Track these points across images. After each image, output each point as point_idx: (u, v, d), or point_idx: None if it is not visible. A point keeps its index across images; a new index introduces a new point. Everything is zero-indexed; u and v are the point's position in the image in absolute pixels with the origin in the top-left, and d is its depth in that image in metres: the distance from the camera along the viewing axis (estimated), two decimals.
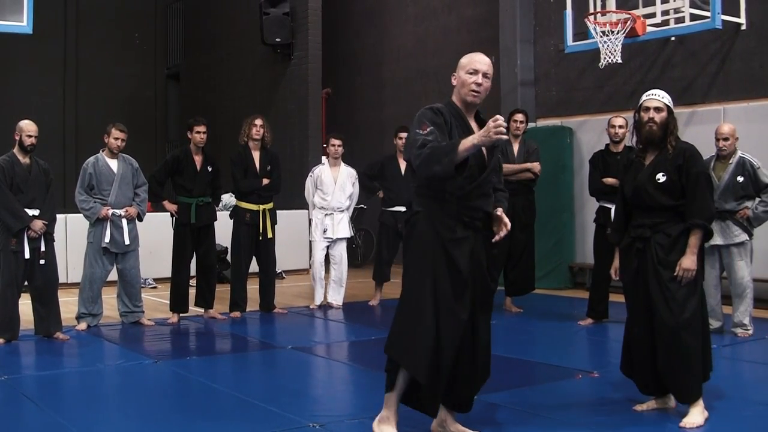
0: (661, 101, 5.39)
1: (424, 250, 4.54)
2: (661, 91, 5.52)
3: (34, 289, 7.99)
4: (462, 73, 4.74)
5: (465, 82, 4.71)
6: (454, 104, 4.74)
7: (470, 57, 4.81)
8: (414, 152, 4.46)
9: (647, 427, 5.18)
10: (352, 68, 17.14)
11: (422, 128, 4.50)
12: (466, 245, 4.58)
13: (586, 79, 12.25)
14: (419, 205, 4.62)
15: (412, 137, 4.56)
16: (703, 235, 5.21)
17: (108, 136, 8.70)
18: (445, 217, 4.55)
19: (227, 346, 8.39)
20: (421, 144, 4.44)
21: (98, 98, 20.06)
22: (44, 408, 5.69)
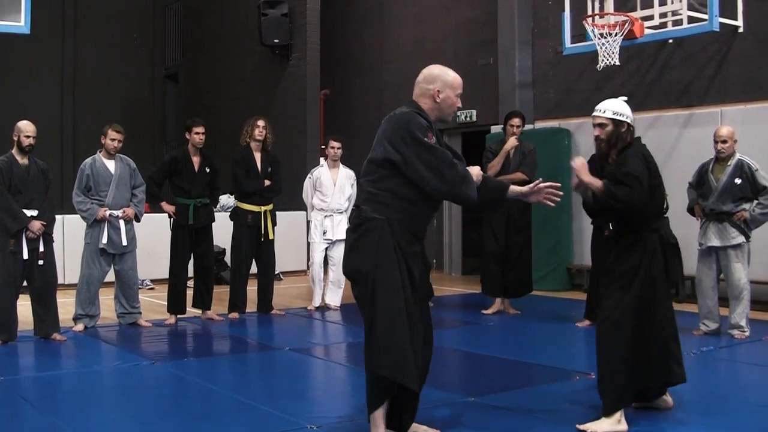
0: (603, 116, 5.30)
1: (391, 261, 4.44)
2: (607, 103, 5.38)
3: (33, 290, 7.99)
4: (450, 92, 4.66)
5: (453, 103, 4.69)
6: (428, 116, 4.63)
7: (457, 77, 4.72)
8: (450, 171, 4.42)
9: (644, 428, 5.17)
10: (350, 70, 17.14)
11: (429, 137, 4.46)
12: (419, 258, 4.64)
13: (584, 81, 12.25)
14: (378, 212, 4.49)
15: (428, 144, 4.43)
16: (606, 196, 5.13)
17: (105, 137, 8.70)
18: (405, 229, 4.51)
19: (225, 347, 8.38)
20: (450, 162, 4.43)
21: (96, 99, 20.07)
22: (41, 409, 5.69)
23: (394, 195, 4.49)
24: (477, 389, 6.17)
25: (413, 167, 4.43)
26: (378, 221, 4.46)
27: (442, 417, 5.41)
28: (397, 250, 4.45)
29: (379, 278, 4.42)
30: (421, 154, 4.42)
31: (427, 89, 4.65)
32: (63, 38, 20.40)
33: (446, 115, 4.71)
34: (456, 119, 14.52)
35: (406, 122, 4.49)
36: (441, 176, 4.41)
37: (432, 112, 4.65)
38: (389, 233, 4.44)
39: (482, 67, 14.11)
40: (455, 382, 6.86)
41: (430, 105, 4.64)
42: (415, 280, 4.56)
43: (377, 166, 4.55)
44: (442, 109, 4.66)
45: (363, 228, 4.51)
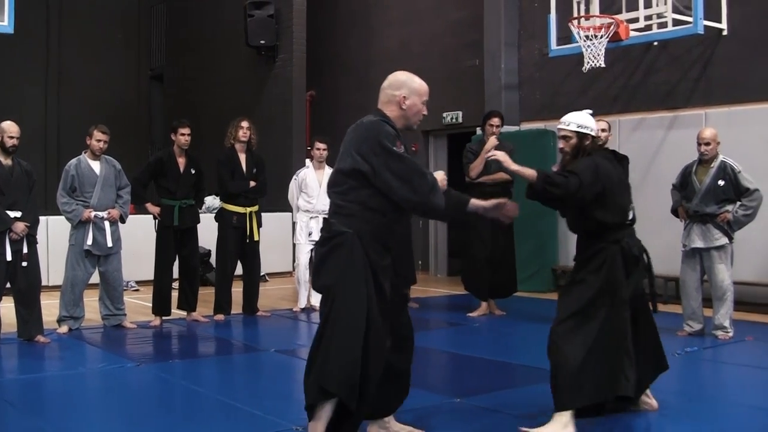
0: (568, 129, 5.30)
1: (359, 278, 4.35)
2: (572, 116, 5.36)
3: (17, 292, 7.94)
4: (417, 100, 4.60)
5: (419, 110, 4.62)
6: (394, 124, 4.54)
7: (423, 84, 4.66)
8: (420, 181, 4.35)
9: (630, 428, 5.19)
10: (336, 71, 17.13)
11: (398, 146, 4.39)
12: (389, 271, 4.54)
13: (569, 83, 12.29)
14: (347, 226, 4.40)
15: (397, 154, 4.36)
16: (542, 182, 5.09)
17: (90, 138, 8.67)
18: (375, 242, 4.43)
19: (210, 349, 8.37)
20: (420, 171, 4.38)
21: (81, 99, 19.99)
22: (25, 412, 5.67)
23: (364, 206, 4.40)
24: (463, 390, 6.19)
25: (382, 177, 4.34)
26: (347, 235, 4.38)
27: (428, 418, 5.41)
28: (367, 265, 4.37)
29: (345, 294, 4.34)
30: (391, 164, 4.35)
31: (393, 96, 4.57)
32: (47, 38, 20.30)
33: (412, 123, 4.65)
34: (442, 121, 14.55)
35: (374, 131, 4.41)
36: (411, 186, 4.34)
37: (398, 120, 4.57)
38: (359, 247, 4.36)
39: (468, 68, 14.14)
40: (441, 383, 6.87)
41: (397, 112, 4.57)
42: (386, 295, 4.46)
43: (346, 176, 4.45)
44: (408, 117, 4.60)
45: (332, 242, 4.44)
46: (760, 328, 8.82)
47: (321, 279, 4.52)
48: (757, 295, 9.91)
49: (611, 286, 5.13)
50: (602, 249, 5.18)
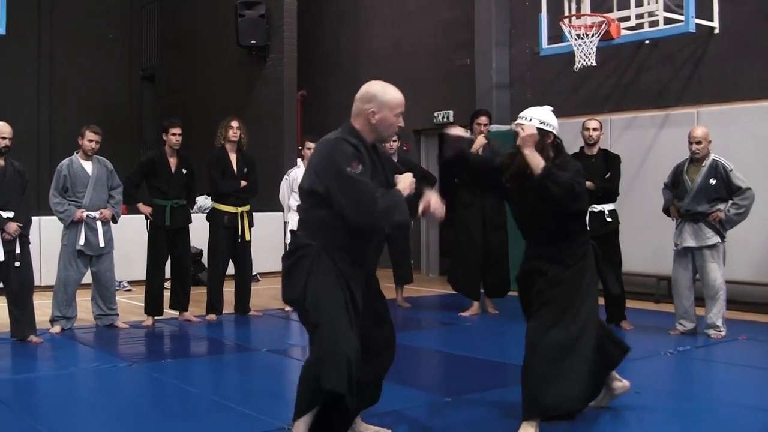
0: (529, 125, 5.03)
1: (330, 282, 4.26)
2: (533, 110, 5.11)
3: (10, 292, 7.95)
4: (388, 113, 4.38)
5: (391, 124, 4.41)
6: (363, 138, 4.39)
7: (396, 96, 4.41)
8: (372, 206, 4.15)
9: (622, 428, 5.20)
10: (327, 70, 17.13)
11: (353, 166, 4.19)
12: (362, 281, 4.45)
13: (560, 81, 12.30)
14: (312, 238, 4.33)
15: (349, 176, 4.17)
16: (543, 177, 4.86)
17: (82, 138, 8.66)
18: (343, 254, 4.32)
19: (202, 348, 8.36)
20: (372, 197, 4.15)
21: (72, 100, 19.94)
22: (18, 412, 5.67)
23: (327, 223, 4.30)
24: (454, 389, 6.20)
25: (335, 199, 4.22)
26: (312, 247, 4.31)
27: (419, 417, 5.43)
28: (338, 273, 4.29)
29: (318, 300, 4.24)
30: (342, 186, 4.20)
31: (363, 109, 4.39)
32: (39, 39, 20.25)
33: (384, 137, 4.49)
34: (433, 120, 14.56)
35: (330, 151, 4.28)
36: (360, 210, 4.18)
37: (368, 134, 4.40)
38: (326, 257, 4.28)
39: (459, 68, 14.15)
40: (432, 383, 6.89)
41: (366, 127, 4.40)
42: (358, 305, 4.36)
43: (306, 195, 4.39)
44: (379, 131, 4.42)
45: (297, 255, 4.37)
46: (753, 327, 8.83)
47: (288, 292, 4.43)
48: (751, 294, 9.92)
49: (589, 284, 5.06)
50: (579, 248, 5.09)
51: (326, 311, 4.23)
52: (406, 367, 7.36)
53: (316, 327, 4.26)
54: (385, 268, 10.77)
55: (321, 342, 4.25)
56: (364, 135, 4.39)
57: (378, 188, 4.21)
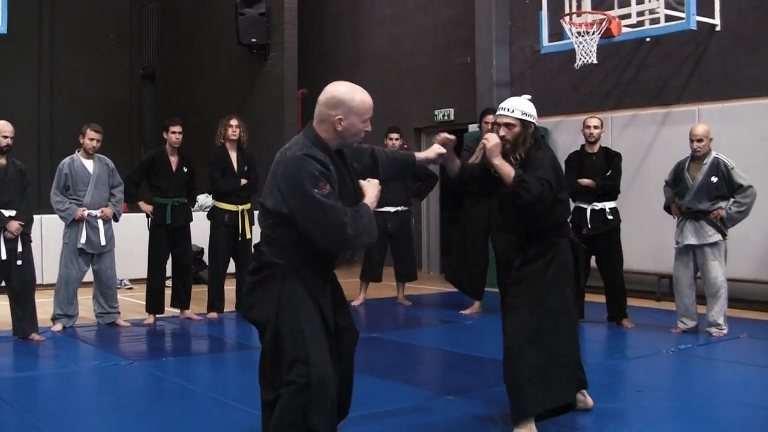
0: (512, 116, 4.98)
1: (308, 311, 4.03)
2: (514, 101, 5.07)
3: (11, 290, 7.97)
4: (356, 120, 4.07)
5: (358, 131, 4.12)
6: (328, 146, 4.09)
7: (365, 100, 4.11)
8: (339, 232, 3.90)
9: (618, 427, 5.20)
10: (327, 69, 17.12)
11: (321, 188, 3.89)
12: (329, 300, 4.21)
13: (561, 79, 12.30)
14: (278, 257, 4.05)
15: (316, 201, 3.87)
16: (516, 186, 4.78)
17: (83, 137, 8.67)
18: (311, 273, 4.10)
19: (203, 346, 8.37)
20: (340, 221, 3.88)
21: (73, 99, 19.98)
22: (19, 410, 5.67)
23: (293, 241, 4.03)
24: (455, 388, 6.19)
25: (300, 221, 3.94)
26: (280, 267, 4.05)
27: (421, 415, 5.43)
28: (311, 295, 4.06)
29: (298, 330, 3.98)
30: (308, 210, 3.91)
31: (327, 115, 4.06)
32: (40, 38, 20.29)
33: (350, 143, 4.18)
34: (434, 118, 14.56)
35: (294, 171, 3.94)
36: (328, 236, 3.93)
37: (332, 141, 4.10)
38: (295, 278, 4.04)
39: (460, 66, 14.15)
40: (433, 381, 6.88)
41: (331, 133, 4.08)
42: (330, 326, 4.14)
43: (270, 213, 4.07)
44: (345, 137, 4.11)
45: (262, 274, 4.10)
46: (755, 325, 8.83)
47: (253, 311, 4.14)
48: (753, 293, 9.92)
49: (563, 280, 4.98)
50: (555, 243, 5.02)
51: (311, 346, 3.97)
52: (408, 365, 7.39)
53: (298, 360, 3.95)
54: (389, 266, 10.83)
55: (309, 380, 3.92)
56: (328, 142, 4.09)
57: (346, 211, 3.93)
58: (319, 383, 3.93)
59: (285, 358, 4.00)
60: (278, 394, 4.00)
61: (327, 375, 3.99)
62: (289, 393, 3.94)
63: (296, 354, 3.97)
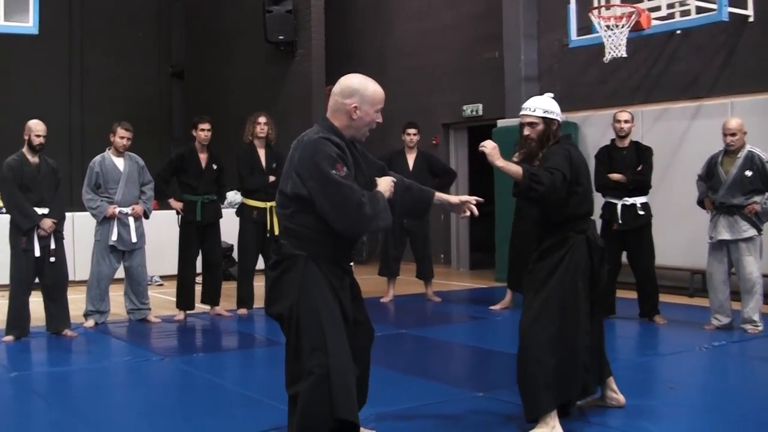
0: (534, 115, 5.10)
1: (328, 302, 4.08)
2: (535, 100, 5.20)
3: (45, 287, 8.04)
4: (370, 109, 4.18)
5: (371, 121, 4.23)
6: (342, 135, 4.18)
7: (378, 91, 4.24)
8: (357, 212, 3.97)
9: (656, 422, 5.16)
10: (354, 65, 17.04)
11: (338, 169, 3.97)
12: (348, 292, 4.27)
13: (590, 73, 12.22)
14: (297, 248, 4.10)
15: (334, 180, 3.95)
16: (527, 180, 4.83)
17: (114, 135, 8.72)
18: (330, 264, 4.15)
19: (233, 342, 8.41)
20: (358, 202, 3.96)
21: (103, 97, 20.12)
22: (53, 404, 5.74)
23: (313, 229, 4.09)
24: (485, 384, 6.16)
25: (318, 203, 4.01)
26: (299, 258, 4.09)
27: (450, 412, 5.41)
28: (330, 286, 4.11)
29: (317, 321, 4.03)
30: (327, 190, 3.98)
31: (343, 104, 4.18)
32: (70, 38, 20.45)
33: (362, 134, 4.27)
34: (462, 113, 14.52)
35: (312, 152, 4.03)
36: (346, 216, 4.00)
37: (346, 130, 4.19)
38: (315, 269, 4.09)
39: (487, 61, 14.09)
40: (463, 377, 6.85)
41: (345, 122, 4.19)
42: (349, 318, 4.20)
43: (289, 200, 4.13)
44: (358, 127, 4.21)
45: (283, 266, 4.15)
46: None
47: (275, 306, 4.19)
48: None
49: (574, 276, 4.95)
50: (567, 238, 5.01)
51: (330, 335, 4.02)
52: (437, 361, 7.38)
53: (317, 349, 4.01)
54: (409, 261, 10.82)
55: (328, 368, 3.97)
56: (344, 131, 4.19)
57: (363, 192, 4.03)
58: (338, 372, 3.98)
59: (304, 347, 4.05)
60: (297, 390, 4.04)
61: (346, 363, 4.04)
62: (310, 384, 3.99)
63: (315, 343, 4.02)
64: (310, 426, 3.99)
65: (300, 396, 4.02)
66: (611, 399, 5.36)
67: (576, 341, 4.91)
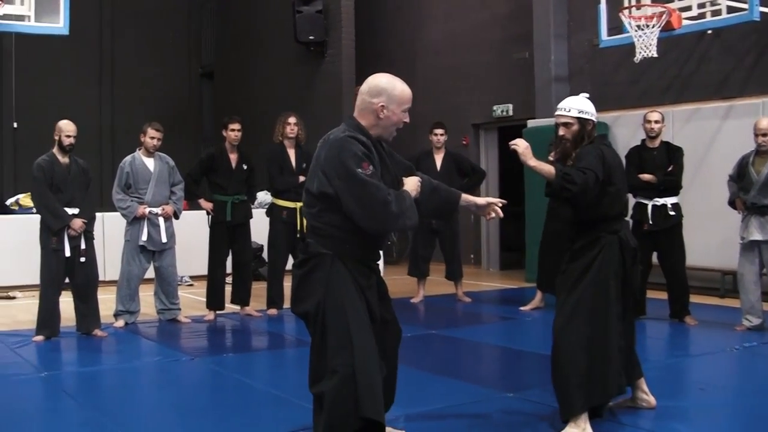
0: (569, 116, 5.11)
1: (354, 300, 4.08)
2: (570, 100, 5.21)
3: (75, 287, 8.08)
4: (396, 108, 4.19)
5: (398, 120, 4.23)
6: (369, 134, 4.19)
7: (405, 90, 4.24)
8: (382, 210, 3.97)
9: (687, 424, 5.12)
10: (384, 65, 17.04)
11: (364, 167, 3.98)
12: (375, 291, 4.27)
13: (620, 73, 12.17)
14: (324, 246, 4.10)
15: (360, 179, 3.96)
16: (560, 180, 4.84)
17: (144, 136, 8.77)
18: (357, 262, 4.15)
19: (263, 343, 8.43)
20: (384, 201, 3.96)
21: (133, 98, 20.24)
22: (83, 404, 5.77)
23: (339, 228, 4.09)
24: (515, 385, 6.16)
25: (344, 201, 4.01)
26: (326, 257, 4.09)
27: (480, 412, 5.41)
28: (355, 284, 4.11)
29: (343, 319, 4.03)
30: (353, 189, 3.98)
31: (370, 103, 4.19)
32: (101, 38, 20.58)
33: (388, 134, 4.27)
34: (492, 114, 14.49)
35: (338, 151, 4.03)
36: (372, 214, 4.00)
37: (374, 129, 4.20)
38: (341, 267, 4.08)
39: (518, 61, 14.06)
40: (493, 378, 6.85)
41: (372, 121, 4.19)
42: (376, 316, 4.20)
43: (316, 199, 4.13)
44: (386, 127, 4.21)
45: (309, 264, 4.14)
46: None
47: (300, 305, 4.19)
48: None
49: (607, 277, 4.94)
50: (599, 238, 5.01)
51: (355, 333, 4.02)
52: (467, 361, 7.37)
53: (342, 347, 4.01)
54: (439, 262, 10.81)
55: (353, 367, 3.98)
56: (370, 131, 4.19)
57: (389, 190, 4.02)
58: (364, 371, 3.98)
59: (329, 345, 4.05)
60: (322, 390, 4.04)
61: (371, 362, 4.04)
62: (336, 384, 3.99)
63: (340, 341, 4.02)
64: (336, 425, 3.99)
65: (326, 395, 4.02)
66: (642, 400, 5.34)
67: (608, 342, 4.89)
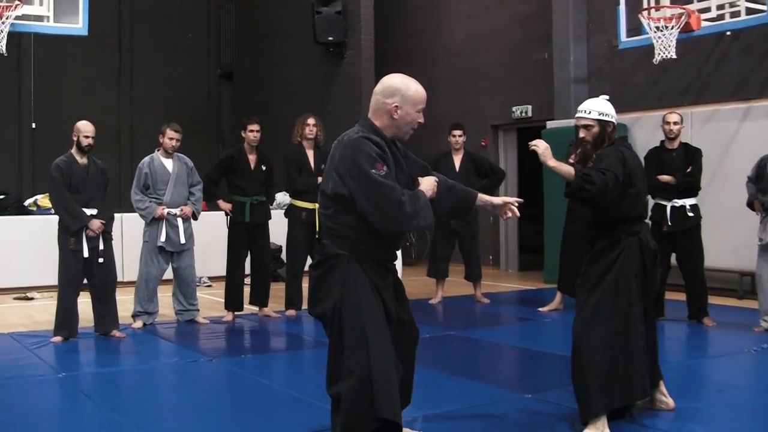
0: (589, 118, 5.12)
1: (370, 301, 4.07)
2: (590, 102, 5.21)
3: (93, 288, 8.11)
4: (411, 109, 4.18)
5: (413, 120, 4.21)
6: (383, 134, 4.19)
7: (420, 91, 4.22)
8: (396, 210, 3.96)
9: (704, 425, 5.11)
10: (404, 66, 16.98)
11: (378, 168, 3.97)
12: (392, 291, 4.28)
13: (639, 74, 12.13)
14: (340, 247, 4.10)
15: (373, 179, 3.96)
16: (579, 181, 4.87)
17: (163, 136, 8.79)
18: (373, 263, 4.15)
19: (282, 344, 8.44)
20: (398, 201, 3.96)
21: (152, 98, 20.30)
22: (101, 405, 5.79)
23: (355, 229, 4.09)
24: (534, 386, 6.14)
25: (358, 202, 4.00)
26: (342, 257, 4.09)
27: (498, 413, 5.41)
28: (372, 285, 4.11)
29: (360, 319, 4.03)
30: (366, 189, 3.98)
31: (384, 104, 4.19)
32: (119, 39, 20.64)
33: (403, 134, 4.25)
34: (511, 115, 14.47)
35: (352, 152, 4.05)
36: (386, 215, 3.98)
37: (388, 130, 4.20)
38: (358, 268, 4.08)
39: (537, 62, 14.05)
40: (512, 379, 6.83)
41: (386, 122, 4.20)
42: (392, 317, 4.21)
43: (330, 200, 4.13)
44: (400, 127, 4.20)
45: (326, 266, 4.14)
46: None
47: (317, 306, 4.19)
48: None
49: (627, 279, 4.94)
50: (619, 240, 5.02)
51: (372, 334, 4.02)
52: (485, 362, 7.37)
53: (358, 347, 4.02)
54: (458, 263, 10.80)
55: (369, 368, 3.98)
56: (385, 131, 4.20)
57: (403, 191, 4.02)
58: (380, 371, 3.98)
59: (346, 346, 4.06)
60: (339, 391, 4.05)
61: (388, 362, 4.04)
62: (353, 384, 3.99)
63: (357, 342, 4.03)
64: (352, 425, 4.00)
65: (342, 396, 4.03)
66: (660, 402, 5.33)
67: (630, 344, 4.90)
